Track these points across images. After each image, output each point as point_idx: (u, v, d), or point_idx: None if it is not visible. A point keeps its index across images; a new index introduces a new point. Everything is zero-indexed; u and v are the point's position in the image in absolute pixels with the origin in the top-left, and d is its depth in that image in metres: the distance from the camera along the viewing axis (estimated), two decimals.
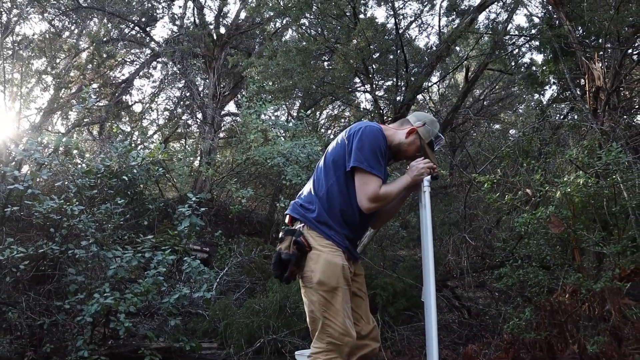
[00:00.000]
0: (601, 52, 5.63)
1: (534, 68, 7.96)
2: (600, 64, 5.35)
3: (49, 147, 6.45)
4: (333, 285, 2.29)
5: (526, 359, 3.64)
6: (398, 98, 5.87)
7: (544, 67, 7.16)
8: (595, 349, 3.28)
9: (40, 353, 4.37)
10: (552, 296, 3.75)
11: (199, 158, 12.06)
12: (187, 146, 14.72)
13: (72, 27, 11.96)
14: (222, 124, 13.03)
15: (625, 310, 3.61)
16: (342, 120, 13.52)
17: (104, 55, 12.14)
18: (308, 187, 2.55)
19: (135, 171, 6.05)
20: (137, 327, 5.21)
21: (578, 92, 6.17)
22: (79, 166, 5.83)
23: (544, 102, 8.49)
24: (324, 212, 2.40)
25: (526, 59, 9.66)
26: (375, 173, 2.34)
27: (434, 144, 2.59)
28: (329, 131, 13.32)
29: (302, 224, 2.42)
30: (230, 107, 14.10)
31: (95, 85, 12.38)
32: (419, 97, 10.09)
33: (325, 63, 8.49)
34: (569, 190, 3.44)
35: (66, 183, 5.32)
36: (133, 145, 8.96)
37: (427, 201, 2.42)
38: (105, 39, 11.88)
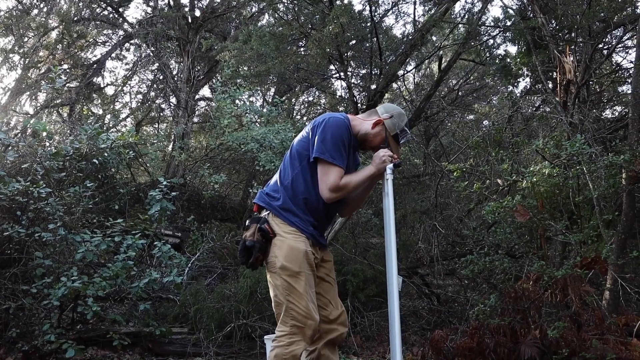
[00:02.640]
0: (573, 46, 5.75)
1: (507, 60, 8.06)
2: (572, 58, 5.46)
3: (16, 128, 6.28)
4: (296, 270, 2.34)
5: (490, 344, 3.73)
6: (372, 86, 5.89)
7: (517, 59, 7.26)
8: (555, 334, 3.40)
9: (6, 338, 4.29)
10: (517, 283, 3.85)
11: (172, 143, 11.90)
12: (160, 130, 14.49)
13: (41, 5, 11.58)
14: (196, 109, 12.86)
15: (585, 297, 3.73)
16: (317, 108, 13.50)
17: (75, 35, 11.80)
18: (275, 177, 2.62)
19: (106, 154, 5.95)
20: (106, 311, 5.15)
21: (549, 85, 6.29)
22: (47, 148, 5.70)
23: (517, 94, 8.64)
24: (288, 200, 2.46)
25: (501, 51, 9.78)
26: (337, 164, 2.39)
27: (399, 137, 2.60)
28: (304, 118, 13.27)
29: (268, 212, 2.48)
30: (205, 91, 13.93)
31: (65, 66, 12.06)
32: (394, 85, 10.14)
33: (302, 49, 8.44)
34: (535, 180, 3.52)
35: (34, 165, 5.19)
36: (105, 128, 8.77)
37: (389, 189, 2.45)
38: (75, 19, 11.53)
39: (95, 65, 12.63)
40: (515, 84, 8.87)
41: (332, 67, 7.42)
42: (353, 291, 5.30)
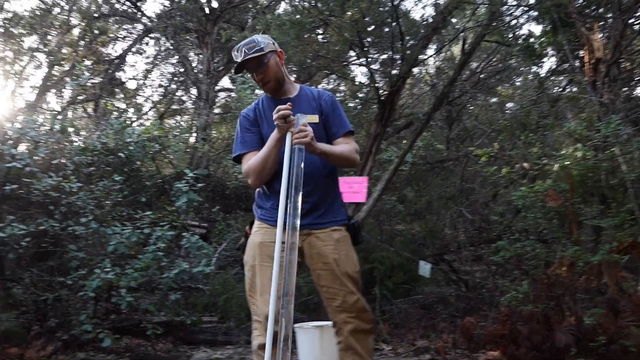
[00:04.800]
0: (601, 23, 5.56)
1: (531, 40, 7.86)
2: (601, 35, 5.29)
3: (44, 125, 6.40)
4: (251, 264, 2.34)
5: (523, 331, 3.70)
6: (394, 71, 5.80)
7: (543, 39, 7.08)
8: (592, 320, 3.34)
9: (46, 327, 4.44)
10: (550, 269, 3.80)
11: (194, 134, 11.99)
12: (182, 122, 14.62)
13: (63, 3, 11.71)
14: (217, 100, 12.92)
15: (622, 283, 3.66)
16: (337, 95, 13.42)
17: (96, 32, 11.93)
18: None
19: (131, 148, 6.02)
20: (138, 301, 5.26)
21: (577, 64, 6.12)
22: (75, 144, 5.80)
23: (542, 75, 8.43)
24: (256, 195, 2.49)
25: (524, 31, 9.55)
26: (236, 154, 2.45)
27: (242, 67, 2.43)
28: None
29: None
30: (225, 82, 13.94)
31: (88, 62, 12.23)
32: (415, 70, 9.98)
33: (320, 37, 8.37)
34: (567, 163, 3.44)
35: (63, 161, 5.30)
36: (128, 122, 8.88)
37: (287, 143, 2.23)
38: (96, 15, 11.65)
39: (117, 61, 12.77)
40: (540, 64, 8.67)
41: (351, 53, 7.35)
42: (380, 279, 5.30)
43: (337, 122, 2.44)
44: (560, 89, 8.74)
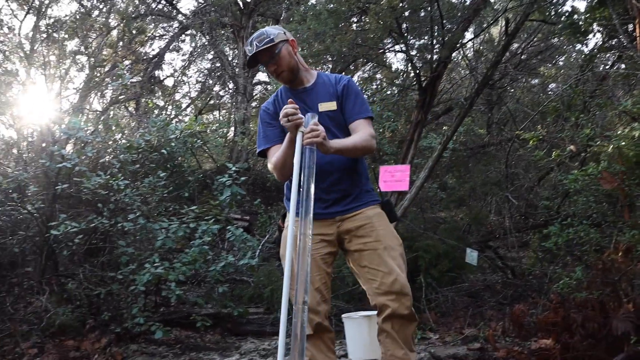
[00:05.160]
0: None
1: (575, 16, 7.54)
2: None
3: (88, 125, 6.61)
4: (284, 255, 2.24)
5: (577, 318, 3.57)
6: (434, 57, 5.68)
7: (588, 15, 6.77)
8: None
9: (100, 321, 4.59)
10: (604, 254, 3.64)
11: (232, 128, 12.13)
12: (220, 117, 14.81)
13: (101, 6, 12.01)
14: (254, 93, 13.00)
15: None
16: (374, 84, 13.27)
17: (134, 32, 12.19)
18: None
19: (173, 144, 6.15)
20: (186, 294, 5.38)
21: (627, 39, 5.82)
22: (121, 142, 5.97)
23: (587, 53, 8.08)
24: (285, 187, 2.50)
25: (567, 7, 9.17)
26: (260, 150, 2.49)
27: (254, 61, 2.41)
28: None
29: None
30: (261, 75, 14.02)
31: (127, 62, 12.53)
32: (453, 54, 9.75)
33: (354, 25, 8.28)
34: (623, 144, 3.28)
35: (108, 159, 5.46)
36: (168, 119, 9.07)
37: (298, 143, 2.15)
38: (133, 15, 11.90)
39: (155, 59, 13.02)
40: (585, 42, 8.30)
41: (386, 40, 7.24)
42: (425, 267, 5.24)
43: (353, 108, 2.38)
44: (607, 67, 8.35)
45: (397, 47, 6.73)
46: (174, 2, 12.53)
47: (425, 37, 6.23)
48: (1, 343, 4.21)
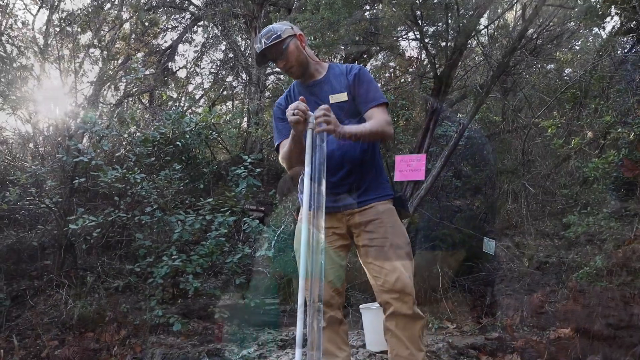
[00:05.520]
0: None
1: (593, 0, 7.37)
2: None
3: (101, 118, 6.65)
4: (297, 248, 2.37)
5: (597, 307, 3.54)
6: (448, 44, 5.60)
7: None
8: None
9: (119, 313, 4.65)
10: (624, 244, 3.59)
11: (246, 119, 12.13)
12: (234, 107, 14.81)
13: None
14: (267, 84, 12.97)
15: None
16: (387, 72, 13.15)
17: (147, 24, 12.20)
18: None
19: (187, 136, 6.16)
20: (203, 286, 5.43)
21: None
22: (136, 135, 6.00)
23: (604, 37, 7.90)
24: (299, 180, 2.46)
25: None
26: (276, 144, 2.53)
27: (263, 58, 2.45)
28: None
29: None
30: (274, 66, 13.98)
31: (140, 55, 12.57)
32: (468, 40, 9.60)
33: (367, 13, 8.19)
34: None
35: (124, 152, 5.49)
36: (182, 110, 9.09)
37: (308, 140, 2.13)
38: (146, 7, 11.90)
39: (168, 51, 13.04)
40: (602, 25, 8.11)
41: (400, 28, 7.15)
42: (442, 256, 5.21)
43: (366, 96, 2.36)
44: (626, 50, 8.15)
45: (410, 35, 6.64)
46: None
47: (440, 24, 6.14)
48: (22, 336, 4.29)
